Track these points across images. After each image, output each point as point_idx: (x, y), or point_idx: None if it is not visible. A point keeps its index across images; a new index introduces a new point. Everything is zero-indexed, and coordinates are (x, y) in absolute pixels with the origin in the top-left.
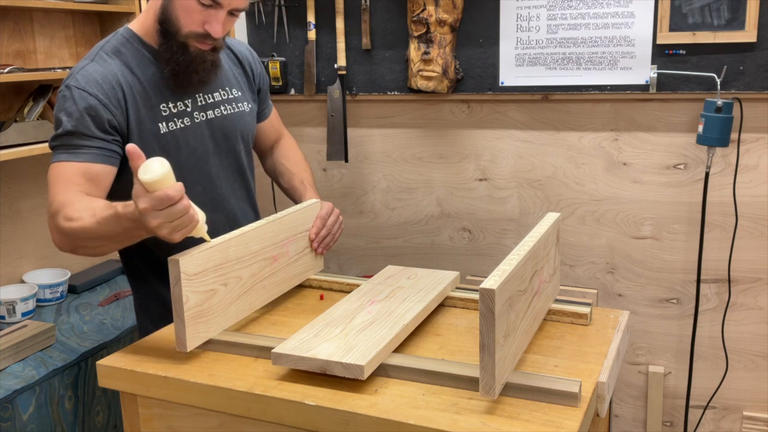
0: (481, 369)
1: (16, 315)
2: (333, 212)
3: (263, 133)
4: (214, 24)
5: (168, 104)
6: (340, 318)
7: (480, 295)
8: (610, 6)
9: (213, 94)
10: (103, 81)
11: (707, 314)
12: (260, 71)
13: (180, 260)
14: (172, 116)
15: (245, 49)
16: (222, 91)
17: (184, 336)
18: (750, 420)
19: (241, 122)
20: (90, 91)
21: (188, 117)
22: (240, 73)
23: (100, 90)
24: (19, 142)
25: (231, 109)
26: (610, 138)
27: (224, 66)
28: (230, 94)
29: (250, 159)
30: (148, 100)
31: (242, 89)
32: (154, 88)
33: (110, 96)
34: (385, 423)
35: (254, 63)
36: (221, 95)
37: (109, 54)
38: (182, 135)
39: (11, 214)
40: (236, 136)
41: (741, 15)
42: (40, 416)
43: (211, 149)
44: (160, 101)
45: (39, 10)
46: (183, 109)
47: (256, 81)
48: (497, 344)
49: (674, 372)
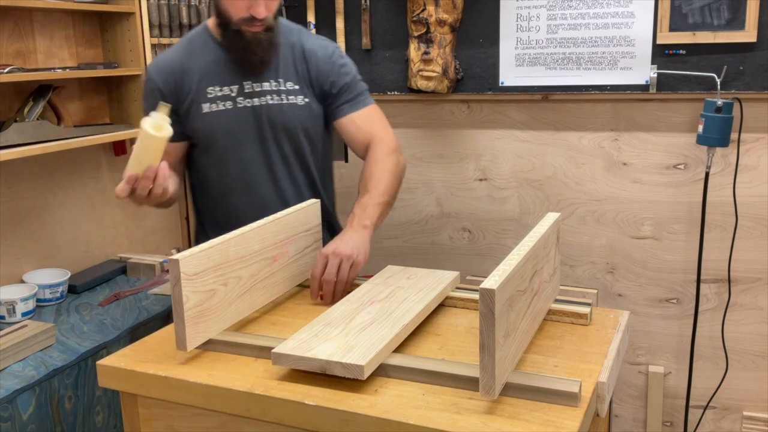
0: (481, 369)
1: (16, 315)
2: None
3: (346, 132)
4: (256, 7)
5: (215, 87)
6: (340, 318)
7: (480, 295)
8: (610, 6)
9: (263, 83)
10: (167, 68)
11: (707, 314)
12: (326, 70)
13: (180, 260)
14: (216, 99)
15: (319, 47)
16: (274, 81)
17: (184, 336)
18: (750, 420)
19: (287, 114)
20: (154, 78)
21: (231, 101)
22: (304, 69)
23: (162, 77)
24: (19, 142)
25: (279, 99)
26: (610, 138)
27: (287, 58)
28: (283, 85)
29: (302, 150)
30: (201, 83)
31: (301, 83)
32: (209, 73)
33: (169, 82)
34: (385, 423)
35: (321, 62)
36: (271, 85)
37: (182, 43)
38: (221, 117)
39: (11, 214)
40: (281, 125)
41: (741, 15)
42: (40, 416)
43: (252, 135)
44: (209, 84)
45: (39, 10)
46: (227, 93)
47: (315, 79)
48: (497, 344)
49: (674, 372)
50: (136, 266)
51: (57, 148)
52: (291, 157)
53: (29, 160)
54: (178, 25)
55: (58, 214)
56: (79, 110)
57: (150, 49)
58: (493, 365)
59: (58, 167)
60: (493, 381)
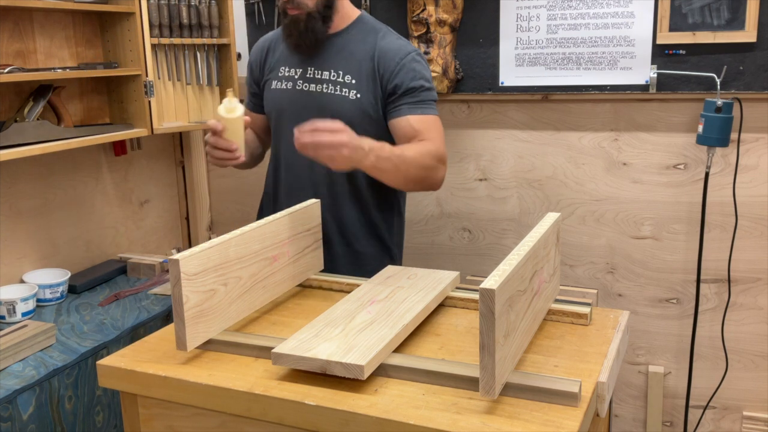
0: (481, 369)
1: (16, 315)
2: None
3: (398, 130)
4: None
5: (286, 68)
6: (340, 318)
7: (480, 295)
8: (610, 6)
9: (323, 71)
10: (261, 45)
11: (707, 314)
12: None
13: (180, 260)
14: (283, 78)
15: (394, 48)
16: (334, 72)
17: (184, 336)
18: (750, 420)
19: (336, 105)
20: (251, 54)
21: (292, 82)
22: (369, 67)
23: (254, 55)
24: (19, 142)
25: (332, 90)
26: (610, 138)
27: (355, 53)
28: (341, 77)
29: None
30: (278, 62)
31: (361, 79)
32: (285, 53)
33: (258, 58)
34: (385, 423)
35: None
36: (331, 75)
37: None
38: (281, 95)
39: (11, 214)
40: (329, 114)
41: (741, 15)
42: (40, 416)
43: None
44: (283, 64)
45: (39, 10)
46: (291, 74)
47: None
48: (497, 344)
49: (674, 372)
50: (136, 266)
51: (57, 148)
52: None
53: (29, 160)
54: (178, 25)
55: (58, 214)
56: (79, 110)
57: (150, 49)
58: (493, 365)
59: (58, 167)
60: (493, 381)
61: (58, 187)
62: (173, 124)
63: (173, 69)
